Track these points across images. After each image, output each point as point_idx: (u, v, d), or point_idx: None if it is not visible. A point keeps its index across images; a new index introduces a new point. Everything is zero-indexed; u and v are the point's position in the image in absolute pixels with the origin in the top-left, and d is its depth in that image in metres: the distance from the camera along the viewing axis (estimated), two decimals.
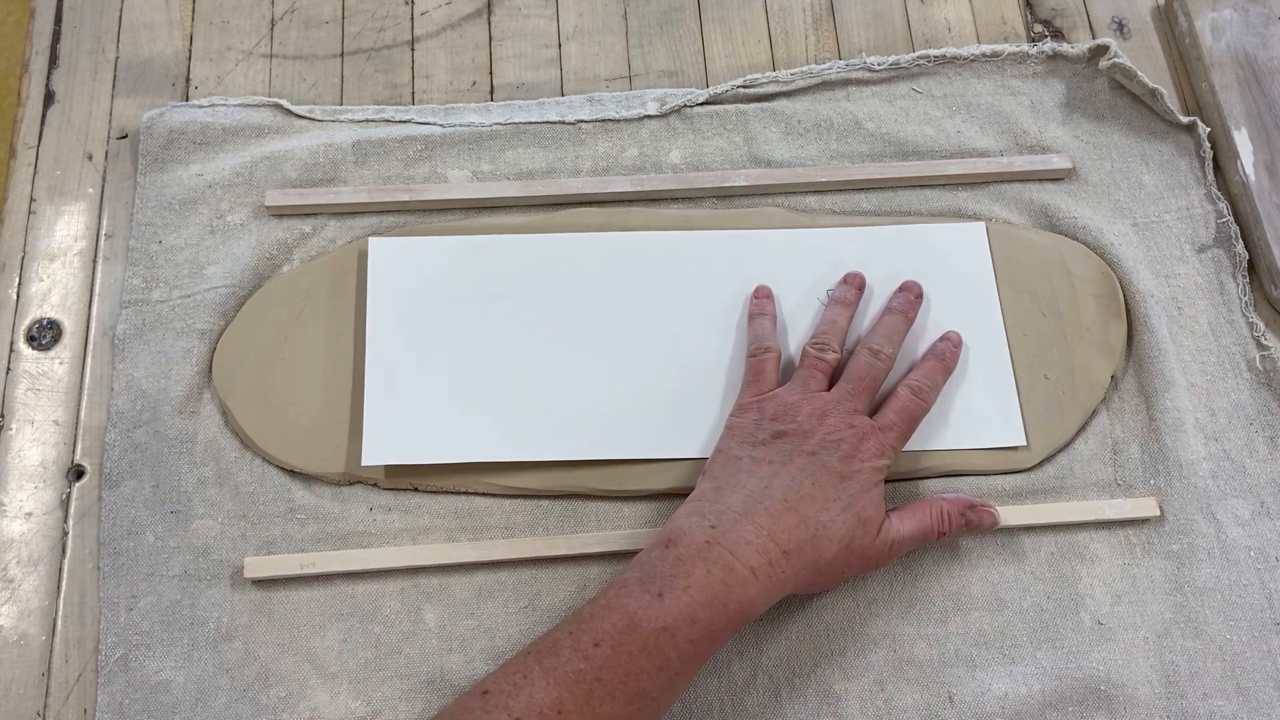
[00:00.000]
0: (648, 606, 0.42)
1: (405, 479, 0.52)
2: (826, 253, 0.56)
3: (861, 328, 0.54)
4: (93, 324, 0.55)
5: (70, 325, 0.55)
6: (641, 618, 0.41)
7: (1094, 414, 0.54)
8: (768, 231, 0.56)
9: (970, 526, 0.50)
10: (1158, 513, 0.52)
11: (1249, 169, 0.58)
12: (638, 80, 0.62)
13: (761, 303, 0.54)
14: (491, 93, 0.62)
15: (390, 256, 0.55)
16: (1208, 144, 0.59)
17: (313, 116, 0.59)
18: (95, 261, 0.56)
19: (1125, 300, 0.56)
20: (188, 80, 0.61)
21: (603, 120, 0.59)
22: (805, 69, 0.61)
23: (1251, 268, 0.57)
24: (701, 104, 0.60)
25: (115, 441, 0.52)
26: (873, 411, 0.50)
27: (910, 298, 0.54)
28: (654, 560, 0.44)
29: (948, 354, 0.53)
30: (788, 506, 0.45)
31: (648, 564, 0.44)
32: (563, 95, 0.61)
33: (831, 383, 0.50)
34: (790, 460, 0.46)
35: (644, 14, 0.64)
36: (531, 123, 0.59)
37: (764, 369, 0.51)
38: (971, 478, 0.53)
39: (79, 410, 0.53)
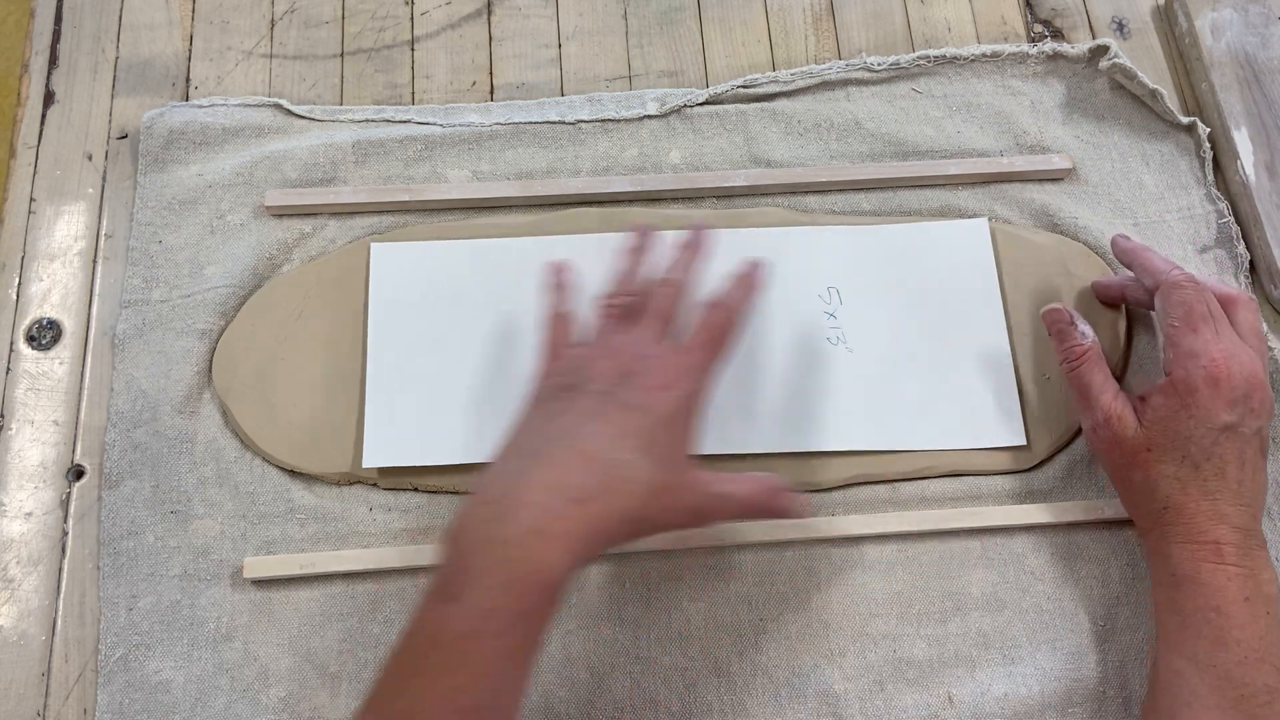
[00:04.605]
0: (444, 617, 0.38)
1: (405, 479, 0.52)
2: (829, 251, 0.56)
3: (864, 326, 0.54)
4: (93, 324, 0.55)
5: (70, 325, 0.55)
6: (440, 631, 0.38)
7: None
8: (770, 229, 0.56)
9: (782, 510, 0.45)
10: None
11: (1249, 169, 0.58)
12: (638, 80, 0.62)
13: (556, 275, 0.50)
14: (491, 93, 0.62)
15: (392, 261, 0.55)
16: (1208, 144, 0.59)
17: (313, 116, 0.59)
18: (95, 261, 0.56)
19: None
20: (188, 80, 0.61)
21: (603, 120, 0.59)
22: (805, 69, 0.61)
23: (1252, 268, 0.57)
24: (701, 104, 0.60)
25: (115, 441, 0.52)
26: None
27: (702, 236, 0.50)
28: (441, 563, 0.39)
29: (752, 273, 0.48)
30: (574, 451, 0.40)
31: (437, 569, 0.39)
32: (563, 95, 0.61)
33: None
34: (575, 403, 0.42)
35: (644, 14, 0.64)
36: (531, 123, 0.59)
37: (554, 331, 0.48)
38: (971, 478, 0.53)
39: (79, 410, 0.53)
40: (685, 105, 0.60)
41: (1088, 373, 0.49)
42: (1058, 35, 0.64)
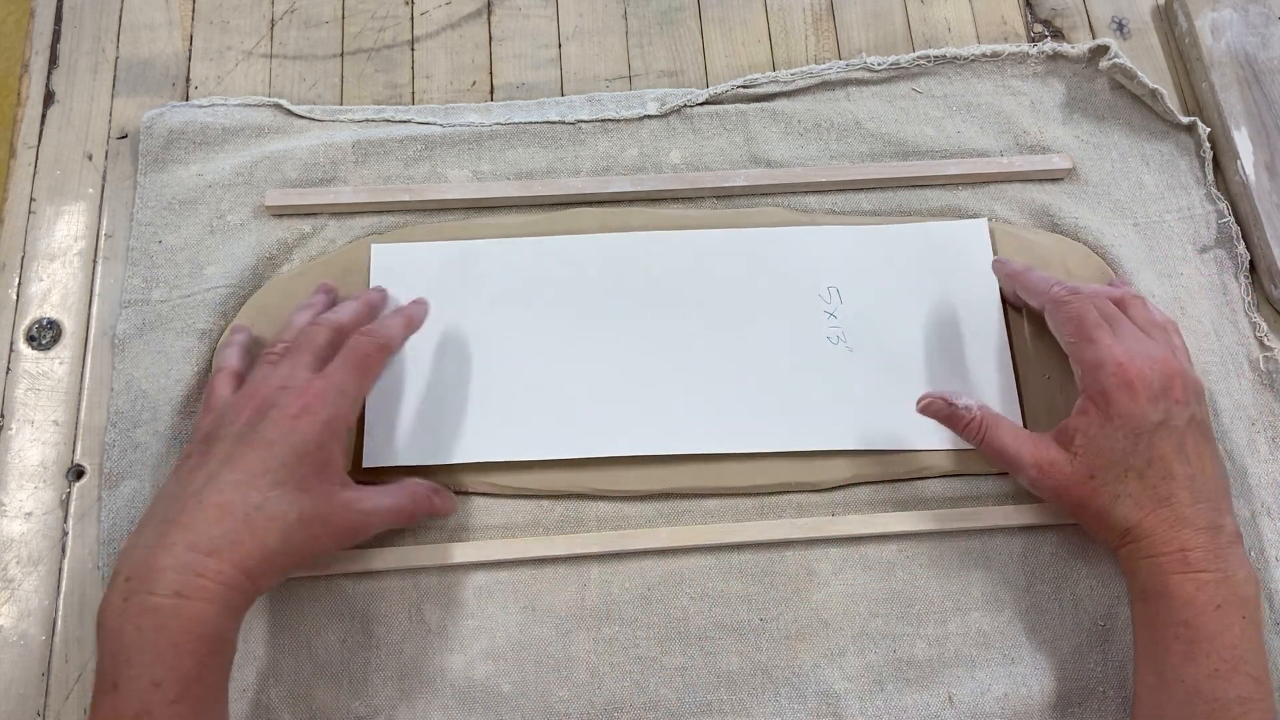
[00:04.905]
0: (112, 707, 0.38)
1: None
2: (829, 250, 0.56)
3: (864, 325, 0.54)
4: (93, 324, 0.55)
5: (70, 325, 0.55)
6: None
7: None
8: (770, 229, 0.56)
9: (435, 511, 0.49)
10: None
11: (1249, 169, 0.58)
12: (638, 80, 0.62)
13: (230, 335, 0.52)
14: (491, 93, 0.62)
15: (392, 261, 0.55)
16: (1208, 144, 0.59)
17: (313, 116, 0.59)
18: (95, 261, 0.56)
19: None
20: (188, 80, 0.61)
21: (603, 120, 0.59)
22: (805, 69, 0.61)
23: (1252, 268, 0.57)
24: (701, 104, 0.60)
25: (115, 441, 0.52)
26: None
27: (372, 293, 0.52)
28: (98, 656, 0.39)
29: (411, 309, 0.52)
30: (208, 505, 0.40)
31: (97, 659, 0.39)
32: (563, 95, 0.61)
33: None
34: (213, 453, 0.42)
35: (644, 14, 0.64)
36: (531, 123, 0.59)
37: (212, 388, 0.48)
38: (972, 478, 0.53)
39: (79, 410, 0.53)
40: (685, 105, 0.60)
41: (994, 438, 0.48)
42: (1058, 35, 0.64)
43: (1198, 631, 0.42)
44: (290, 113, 0.59)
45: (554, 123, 0.59)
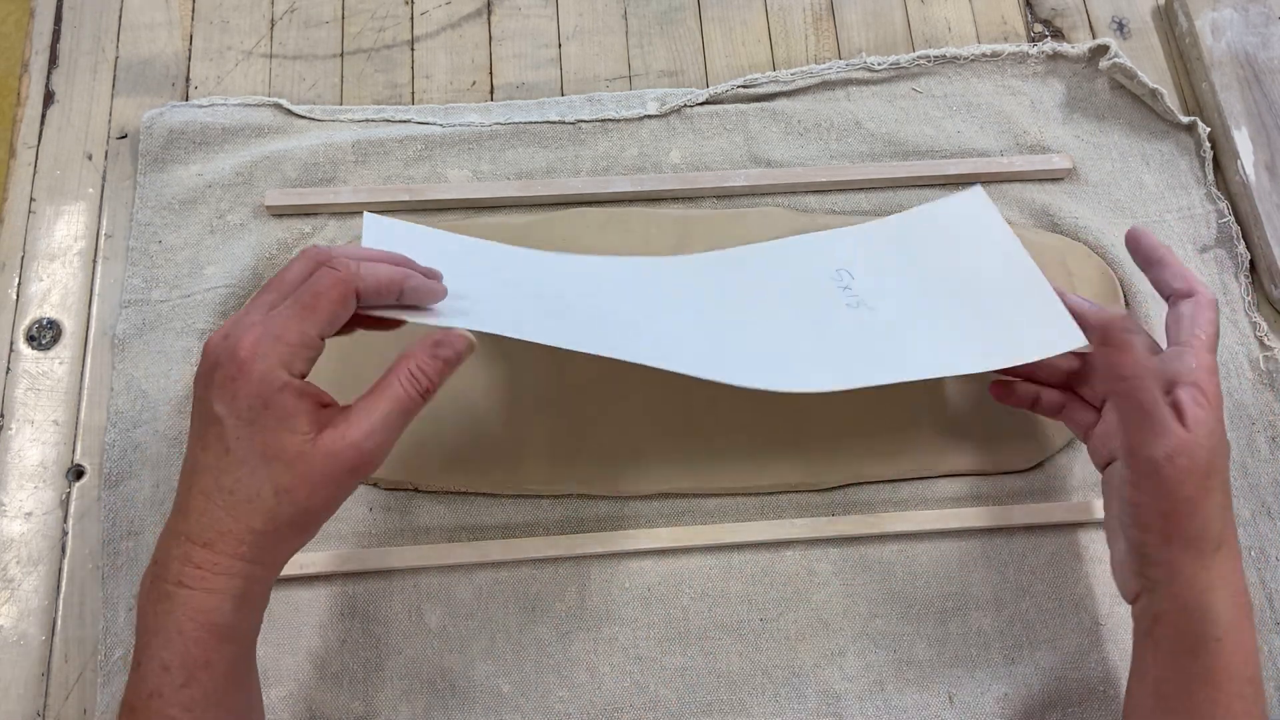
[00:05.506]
0: (133, 684, 0.38)
1: (405, 479, 0.52)
2: (836, 248, 0.54)
3: (883, 288, 0.53)
4: (93, 324, 0.55)
5: (70, 325, 0.55)
6: (133, 700, 0.38)
7: None
8: (772, 243, 0.55)
9: (448, 363, 0.41)
10: None
11: (1249, 169, 0.58)
12: (638, 80, 0.62)
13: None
14: (491, 93, 0.62)
15: (382, 234, 0.51)
16: (1208, 144, 0.59)
17: (313, 116, 0.59)
18: (95, 261, 0.56)
19: (1126, 300, 0.56)
20: (188, 80, 0.61)
21: (603, 120, 0.59)
22: (805, 69, 0.61)
23: (1252, 267, 0.57)
24: (701, 104, 0.60)
25: (115, 441, 0.52)
26: None
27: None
28: (135, 629, 0.40)
29: (419, 283, 0.43)
30: (192, 491, 0.38)
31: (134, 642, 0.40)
32: (563, 95, 0.61)
33: None
34: (194, 423, 0.40)
35: (644, 14, 0.64)
36: (531, 123, 0.59)
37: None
38: (971, 478, 0.53)
39: (79, 410, 0.53)
40: (685, 105, 0.60)
41: (1145, 390, 0.43)
42: (1058, 35, 0.64)
43: (1254, 691, 0.41)
44: (290, 113, 0.59)
45: (554, 123, 0.59)
